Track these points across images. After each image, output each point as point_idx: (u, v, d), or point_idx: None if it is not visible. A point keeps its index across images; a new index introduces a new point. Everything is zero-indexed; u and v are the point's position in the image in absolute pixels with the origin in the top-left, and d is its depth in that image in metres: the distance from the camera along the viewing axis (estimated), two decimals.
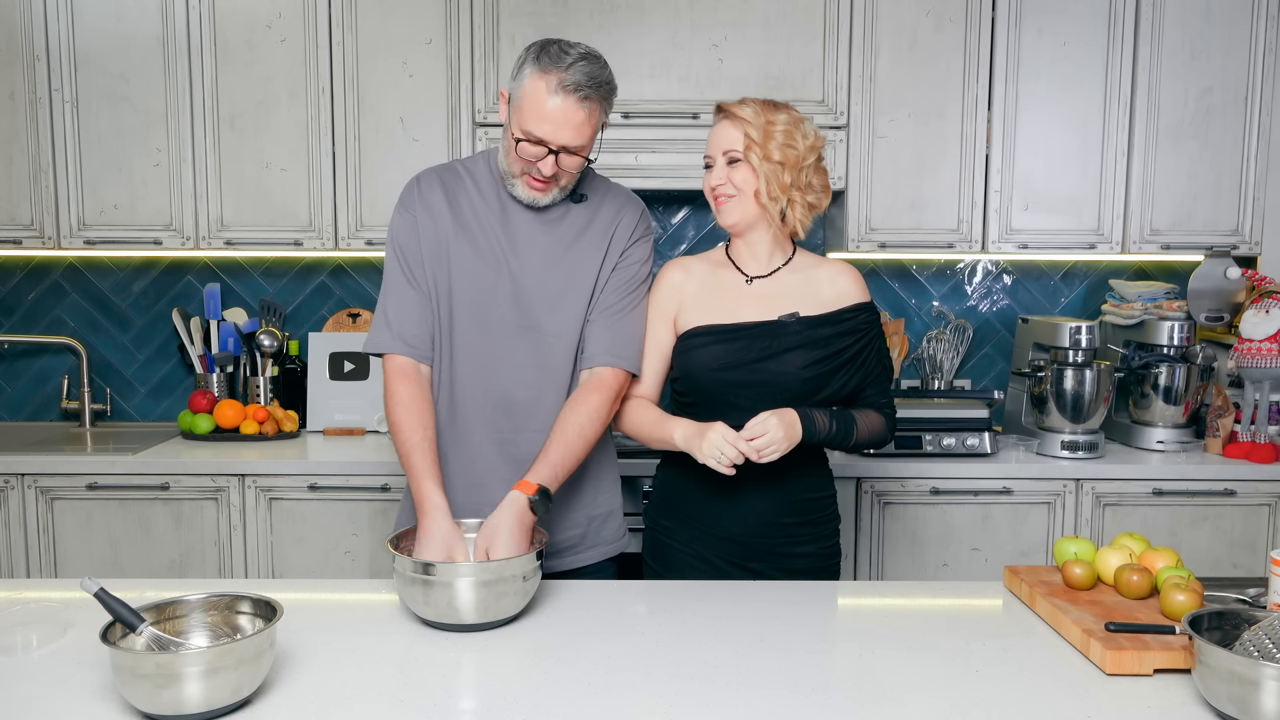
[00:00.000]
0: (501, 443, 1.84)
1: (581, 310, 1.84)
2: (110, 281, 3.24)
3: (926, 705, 1.27)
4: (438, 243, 1.82)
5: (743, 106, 1.80)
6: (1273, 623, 1.25)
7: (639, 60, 2.83)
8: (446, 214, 1.82)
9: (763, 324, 1.83)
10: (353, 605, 1.65)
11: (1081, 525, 2.73)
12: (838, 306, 1.86)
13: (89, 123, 2.87)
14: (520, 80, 1.71)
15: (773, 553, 1.85)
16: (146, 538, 2.72)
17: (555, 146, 1.70)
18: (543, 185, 1.77)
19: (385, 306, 1.83)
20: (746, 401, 1.81)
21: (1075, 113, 2.90)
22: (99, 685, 1.29)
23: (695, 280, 1.90)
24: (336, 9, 2.84)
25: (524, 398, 1.83)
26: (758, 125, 1.78)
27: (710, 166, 1.85)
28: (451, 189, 1.85)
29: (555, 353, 1.83)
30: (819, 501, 1.90)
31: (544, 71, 1.68)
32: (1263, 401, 2.79)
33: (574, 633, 1.51)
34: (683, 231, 3.27)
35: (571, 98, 1.68)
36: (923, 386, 3.21)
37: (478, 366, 1.83)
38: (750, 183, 1.80)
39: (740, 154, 1.79)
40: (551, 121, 1.68)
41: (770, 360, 1.81)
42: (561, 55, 1.68)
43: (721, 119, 1.83)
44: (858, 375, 1.85)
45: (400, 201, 1.86)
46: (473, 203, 1.83)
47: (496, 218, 1.83)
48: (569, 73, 1.67)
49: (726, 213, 1.83)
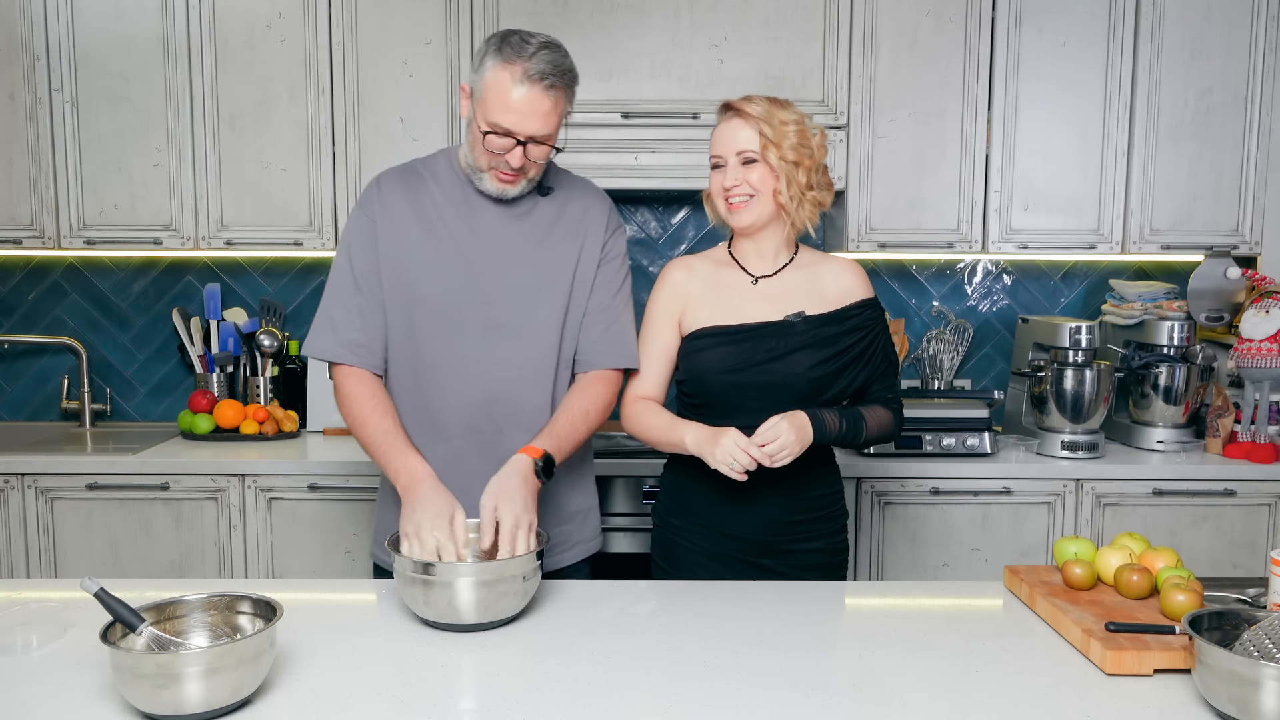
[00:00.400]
0: (483, 444, 1.81)
1: (560, 305, 1.82)
2: (110, 281, 3.24)
3: (926, 705, 1.27)
4: (401, 246, 1.78)
5: (753, 104, 1.79)
6: (1273, 623, 1.25)
7: (639, 60, 2.83)
8: (409, 215, 1.79)
9: (768, 324, 1.82)
10: (353, 605, 1.65)
11: (1081, 525, 2.73)
12: (842, 304, 1.86)
13: (89, 123, 2.87)
14: (482, 73, 1.69)
15: (782, 550, 1.86)
16: (146, 538, 2.72)
17: (523, 137, 1.69)
18: (511, 178, 1.75)
19: (330, 312, 1.80)
20: (754, 403, 1.80)
21: (1075, 113, 2.90)
22: (99, 685, 1.29)
23: (699, 280, 1.89)
24: (336, 9, 2.84)
25: (504, 397, 1.81)
26: (772, 124, 1.77)
27: (720, 166, 1.82)
28: (413, 189, 1.82)
29: (534, 349, 1.81)
30: (827, 498, 1.91)
31: (507, 62, 1.66)
32: (1263, 401, 2.79)
33: (574, 633, 1.51)
34: (683, 231, 3.27)
35: (537, 87, 1.66)
36: (923, 386, 3.21)
37: (451, 369, 1.80)
38: (768, 183, 1.79)
39: (756, 154, 1.78)
40: (517, 111, 1.67)
41: (777, 361, 1.80)
42: (523, 45, 1.67)
43: (731, 117, 1.81)
44: (864, 372, 1.85)
45: (359, 204, 1.83)
46: (436, 202, 1.81)
47: (462, 216, 1.80)
48: (533, 62, 1.66)
49: (743, 214, 1.81)
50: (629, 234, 3.26)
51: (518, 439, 1.77)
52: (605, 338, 1.84)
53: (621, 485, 2.69)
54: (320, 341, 1.80)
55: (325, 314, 1.81)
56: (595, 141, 2.80)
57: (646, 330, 1.90)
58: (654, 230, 3.27)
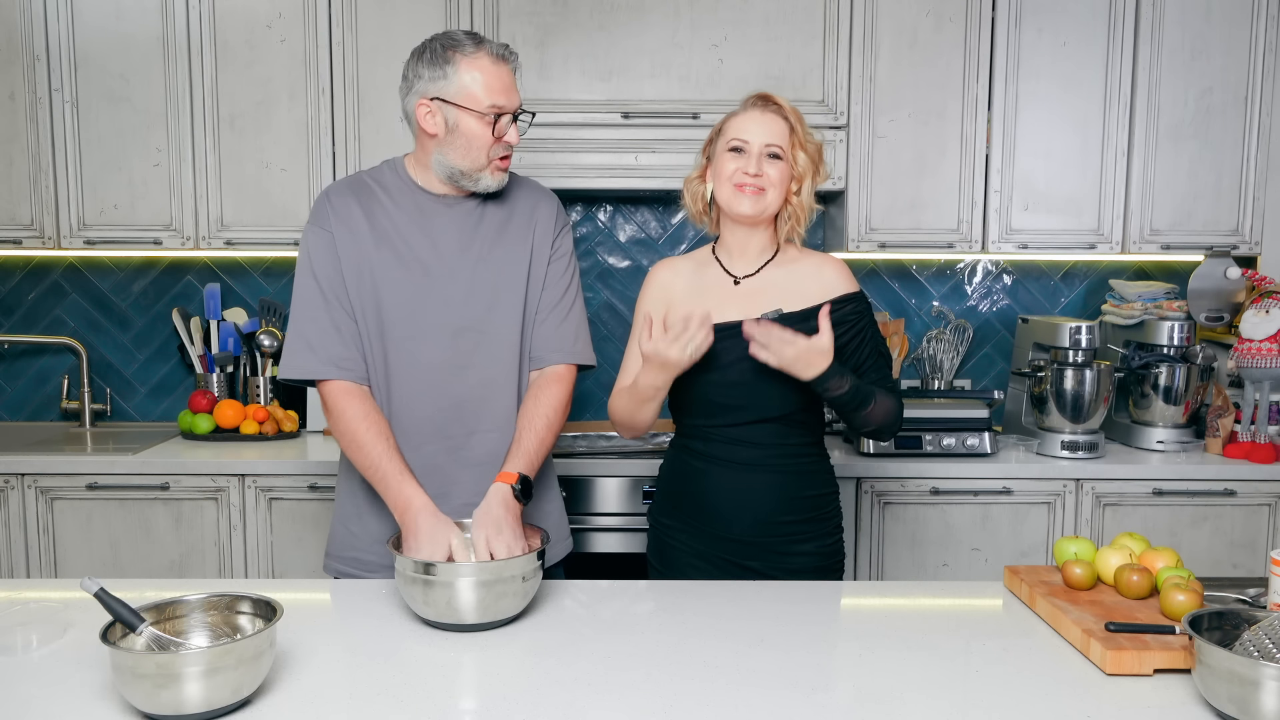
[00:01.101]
0: (454, 449, 1.82)
1: (518, 304, 1.83)
2: (110, 281, 3.24)
3: (926, 705, 1.27)
4: (359, 258, 1.78)
5: (782, 102, 1.84)
6: (1273, 623, 1.25)
7: (639, 60, 2.83)
8: (365, 227, 1.79)
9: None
10: (353, 605, 1.65)
11: (1081, 525, 2.73)
12: (822, 299, 1.84)
13: (89, 123, 2.87)
14: (451, 77, 1.73)
15: (773, 551, 1.85)
16: (146, 538, 2.72)
17: (515, 110, 1.78)
18: (507, 162, 1.81)
19: (304, 331, 1.77)
20: (738, 400, 1.81)
21: (1075, 113, 2.90)
22: (99, 685, 1.29)
23: (683, 280, 1.91)
24: (336, 9, 2.83)
25: (472, 399, 1.82)
26: (795, 121, 1.82)
27: (740, 151, 1.81)
28: (365, 201, 1.82)
29: (498, 350, 1.82)
30: (820, 499, 1.89)
31: (471, 55, 1.73)
32: (1263, 401, 2.79)
33: (574, 633, 1.51)
34: (682, 231, 3.27)
35: (507, 65, 1.77)
36: (923, 386, 3.21)
37: (418, 376, 1.80)
38: (785, 180, 1.82)
39: (783, 150, 1.81)
40: (505, 88, 1.75)
41: (756, 360, 1.79)
42: (461, 39, 1.75)
43: (766, 109, 1.84)
44: (847, 367, 1.83)
45: (312, 219, 1.82)
46: (388, 213, 1.81)
47: (415, 224, 1.81)
48: (486, 45, 1.75)
49: (754, 202, 1.81)
50: (628, 234, 3.26)
51: (488, 440, 1.80)
52: (557, 334, 1.86)
53: (621, 485, 2.69)
54: (300, 361, 1.78)
55: (298, 333, 1.78)
56: (595, 141, 2.80)
57: (634, 333, 1.90)
58: (654, 230, 3.27)
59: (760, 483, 1.82)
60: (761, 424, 1.83)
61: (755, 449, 1.83)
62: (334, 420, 1.77)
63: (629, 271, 3.26)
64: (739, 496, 1.83)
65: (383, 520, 1.82)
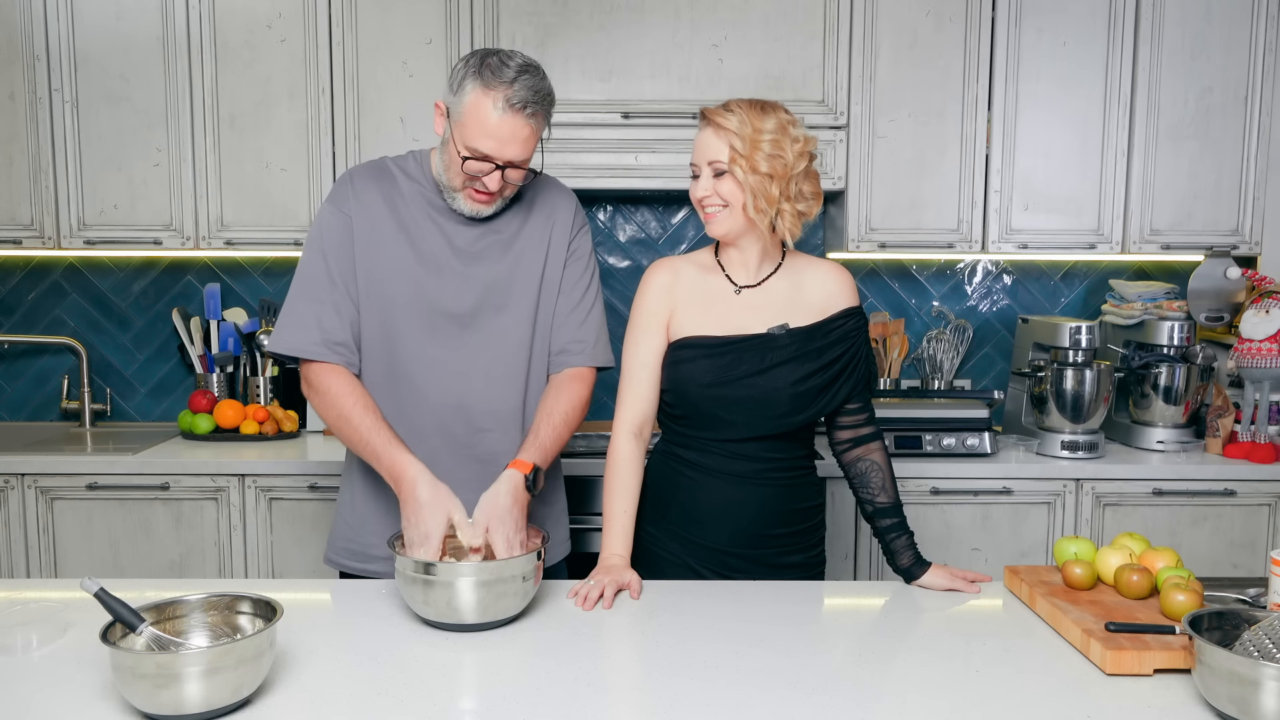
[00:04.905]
0: (458, 446, 1.81)
1: (529, 305, 1.82)
2: (110, 281, 3.24)
3: (926, 705, 1.27)
4: (376, 243, 1.76)
5: (728, 115, 1.72)
6: (1273, 623, 1.25)
7: (639, 60, 2.83)
8: (384, 213, 1.78)
9: (752, 338, 1.78)
10: (353, 605, 1.64)
11: (1081, 525, 2.73)
12: (826, 313, 1.82)
13: (89, 123, 2.87)
14: (461, 95, 1.66)
15: (760, 563, 1.82)
16: (146, 538, 2.72)
17: (502, 162, 1.68)
18: (486, 198, 1.73)
19: (300, 308, 1.75)
20: (737, 416, 1.78)
21: (1075, 113, 2.90)
22: (99, 685, 1.29)
23: (684, 284, 1.83)
24: (336, 9, 2.84)
25: (477, 398, 1.80)
26: (744, 136, 1.70)
27: (697, 176, 1.78)
28: (387, 189, 1.80)
29: (505, 350, 1.81)
30: (808, 511, 1.87)
31: (488, 87, 1.64)
32: (1263, 401, 2.79)
33: (574, 633, 1.51)
34: (682, 231, 3.27)
35: (519, 115, 1.64)
36: (923, 386, 3.21)
37: (425, 370, 1.79)
38: (737, 195, 1.72)
39: (725, 166, 1.72)
40: (498, 138, 1.65)
41: (760, 375, 1.77)
42: (502, 68, 1.64)
43: (705, 127, 1.75)
44: (848, 385, 1.82)
45: (332, 198, 1.79)
46: (408, 202, 1.79)
47: (431, 218, 1.79)
48: (514, 89, 1.63)
49: (715, 224, 1.77)
50: (628, 234, 3.26)
51: (491, 440, 1.79)
52: (577, 337, 1.85)
53: None
54: (294, 337, 1.75)
55: (295, 309, 1.76)
56: (595, 141, 2.80)
57: (632, 336, 1.83)
58: (654, 230, 3.27)
59: (753, 496, 1.80)
60: (759, 440, 1.80)
61: (750, 463, 1.81)
62: (320, 397, 1.75)
63: (629, 271, 3.26)
64: (730, 508, 1.81)
65: (382, 511, 1.82)
